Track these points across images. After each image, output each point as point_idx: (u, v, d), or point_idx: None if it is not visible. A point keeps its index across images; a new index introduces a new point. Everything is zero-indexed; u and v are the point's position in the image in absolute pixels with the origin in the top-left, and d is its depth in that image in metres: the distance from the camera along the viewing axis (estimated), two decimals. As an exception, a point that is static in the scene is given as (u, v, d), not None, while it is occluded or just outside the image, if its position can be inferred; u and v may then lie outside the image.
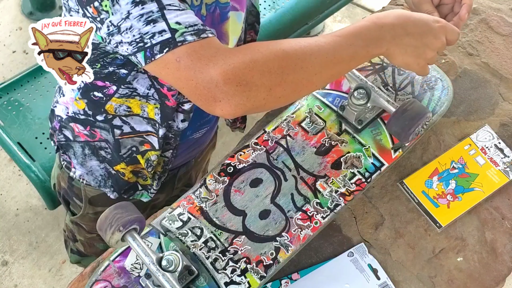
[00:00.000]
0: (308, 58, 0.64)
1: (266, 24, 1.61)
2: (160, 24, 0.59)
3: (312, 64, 0.64)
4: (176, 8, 0.60)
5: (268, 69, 0.61)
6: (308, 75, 0.64)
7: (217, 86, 0.59)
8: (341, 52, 0.67)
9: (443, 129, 0.94)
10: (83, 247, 1.15)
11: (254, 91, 0.60)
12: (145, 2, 0.59)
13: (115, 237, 0.69)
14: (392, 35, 0.70)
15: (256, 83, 0.60)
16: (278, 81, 0.62)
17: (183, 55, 0.59)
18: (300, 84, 0.65)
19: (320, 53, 0.65)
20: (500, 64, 1.03)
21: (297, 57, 0.63)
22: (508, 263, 0.82)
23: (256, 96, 0.61)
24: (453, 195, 0.86)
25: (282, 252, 0.78)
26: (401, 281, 0.80)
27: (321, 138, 0.89)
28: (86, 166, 0.95)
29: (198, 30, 0.60)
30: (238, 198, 0.83)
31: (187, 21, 0.60)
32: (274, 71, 0.61)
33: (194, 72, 0.59)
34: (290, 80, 0.63)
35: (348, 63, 0.69)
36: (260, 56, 0.61)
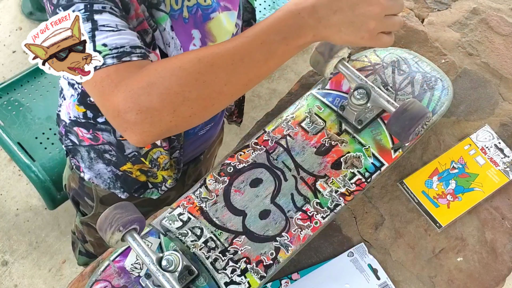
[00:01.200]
0: (209, 69, 0.59)
1: (266, 24, 1.61)
2: (88, 45, 0.59)
3: (216, 75, 0.59)
4: (110, 29, 0.60)
5: (166, 90, 0.57)
6: (216, 87, 0.60)
7: (119, 115, 0.58)
8: (252, 54, 0.60)
9: (443, 129, 0.94)
10: (93, 247, 1.16)
11: (157, 116, 0.58)
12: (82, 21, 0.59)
13: (115, 237, 0.69)
14: (315, 18, 0.61)
15: (156, 108, 0.57)
16: (181, 101, 0.58)
17: (98, 79, 0.59)
18: (209, 99, 0.60)
19: (224, 60, 0.60)
20: (500, 64, 1.03)
21: (197, 71, 0.59)
22: (508, 263, 0.82)
23: (161, 121, 0.58)
24: (453, 195, 0.86)
25: (282, 252, 0.78)
26: (401, 281, 0.80)
27: (321, 138, 0.89)
28: (94, 170, 0.95)
29: (122, 53, 0.59)
30: (238, 198, 0.83)
31: (115, 43, 0.59)
32: (174, 91, 0.58)
33: (103, 99, 0.59)
34: (194, 97, 0.59)
35: (265, 63, 0.62)
36: (157, 77, 0.58)
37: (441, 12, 1.13)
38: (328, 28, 0.62)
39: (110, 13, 0.61)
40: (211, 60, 0.59)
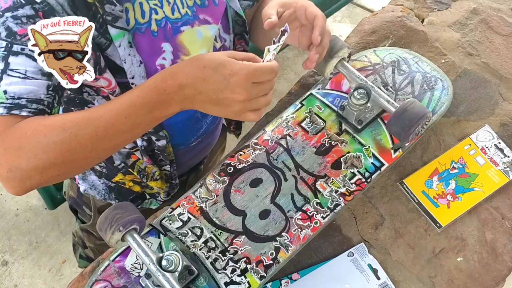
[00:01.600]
0: (73, 139, 0.61)
1: (266, 24, 1.60)
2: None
3: (80, 144, 0.62)
4: (17, 75, 0.61)
5: (33, 155, 0.60)
6: (81, 154, 0.63)
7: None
8: (116, 126, 0.63)
9: (443, 129, 0.94)
10: (93, 253, 1.16)
11: (26, 176, 0.61)
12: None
13: (115, 237, 0.69)
14: (180, 96, 0.63)
15: (24, 169, 0.60)
16: (47, 165, 0.61)
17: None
18: (75, 163, 0.63)
19: (87, 130, 0.62)
20: (500, 64, 1.03)
21: (61, 140, 0.61)
22: (508, 263, 0.82)
23: (30, 179, 0.61)
24: (453, 195, 0.86)
25: (282, 252, 0.78)
26: (401, 281, 0.80)
27: (321, 138, 0.89)
28: (88, 181, 0.96)
29: (16, 105, 0.61)
30: (238, 198, 0.83)
31: (15, 92, 0.61)
32: (39, 156, 0.60)
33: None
34: (60, 162, 0.62)
35: (131, 132, 0.65)
36: (25, 142, 0.60)
37: (441, 12, 1.13)
38: (194, 104, 0.64)
39: (27, 56, 0.61)
40: (75, 131, 0.61)
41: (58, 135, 0.61)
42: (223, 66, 0.62)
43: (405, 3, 1.15)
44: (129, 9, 0.70)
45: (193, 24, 0.76)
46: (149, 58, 0.73)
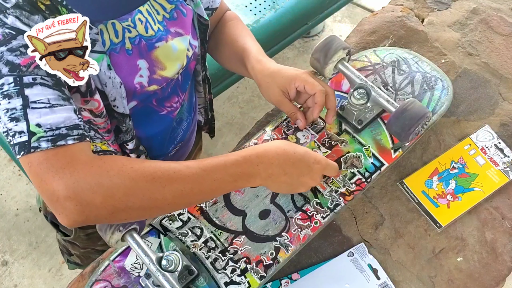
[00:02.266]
0: (160, 190, 0.62)
1: (266, 24, 1.61)
2: (21, 124, 0.58)
3: (164, 195, 0.62)
4: (42, 105, 0.59)
5: (112, 194, 0.59)
6: (159, 204, 0.63)
7: (58, 200, 0.58)
8: (202, 186, 0.65)
9: (443, 129, 0.94)
10: (80, 259, 1.15)
11: (94, 212, 0.59)
12: (11, 97, 0.58)
13: (115, 237, 0.69)
14: (268, 173, 0.69)
15: (97, 206, 0.59)
16: (122, 207, 0.60)
17: (34, 162, 0.59)
18: (148, 211, 0.64)
19: (176, 185, 0.63)
20: (500, 64, 1.03)
21: (147, 188, 0.61)
22: (508, 263, 0.82)
23: (96, 216, 0.60)
24: (453, 195, 0.86)
25: (282, 252, 0.78)
26: (401, 281, 0.80)
27: (321, 138, 0.89)
28: None
29: (57, 136, 0.59)
30: (238, 198, 0.83)
31: (50, 123, 0.59)
32: (119, 197, 0.59)
33: (40, 181, 0.59)
34: (136, 207, 0.61)
35: (210, 195, 0.69)
36: (107, 180, 0.59)
37: (441, 12, 1.13)
38: (275, 183, 0.71)
39: (41, 85, 0.59)
40: (164, 182, 0.62)
41: (147, 183, 0.61)
42: (308, 154, 0.72)
43: (405, 3, 1.15)
44: (103, 31, 0.69)
45: (167, 39, 0.76)
46: (128, 77, 0.72)
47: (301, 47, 2.41)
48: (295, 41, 1.85)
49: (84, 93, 0.68)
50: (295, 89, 0.82)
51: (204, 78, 0.94)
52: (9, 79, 0.58)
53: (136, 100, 0.76)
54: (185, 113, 0.91)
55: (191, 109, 0.94)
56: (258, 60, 0.84)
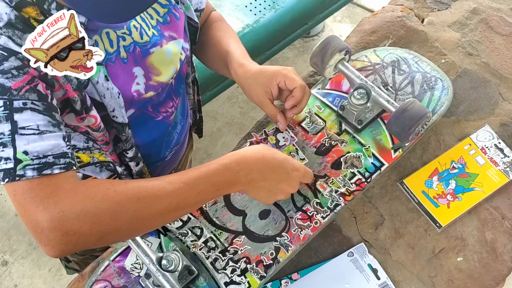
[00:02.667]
0: (146, 208, 0.61)
1: (266, 24, 1.61)
2: (8, 150, 0.57)
3: (150, 214, 0.62)
4: (31, 132, 0.57)
5: (99, 220, 0.58)
6: (146, 223, 0.63)
7: (42, 232, 0.57)
8: (187, 200, 0.65)
9: (443, 129, 0.94)
10: (78, 266, 1.15)
11: (82, 240, 0.58)
12: (0, 121, 0.57)
13: (115, 237, 0.69)
14: (248, 179, 0.70)
15: (84, 233, 0.57)
16: (110, 231, 0.59)
17: (18, 191, 0.57)
18: (136, 231, 0.64)
19: (161, 202, 0.62)
20: (500, 64, 1.03)
21: (133, 209, 0.60)
22: (508, 263, 0.82)
23: (84, 243, 0.59)
24: (453, 195, 0.86)
25: (282, 252, 0.78)
26: (401, 281, 0.80)
27: (321, 138, 0.89)
28: None
29: (44, 164, 0.57)
30: (238, 198, 0.83)
31: (37, 151, 0.57)
32: (106, 222, 0.58)
33: (24, 210, 0.57)
34: (125, 229, 0.61)
35: (194, 206, 0.69)
36: (92, 206, 0.58)
37: (441, 12, 1.13)
38: (252, 188, 0.72)
39: (32, 110, 0.58)
40: (149, 202, 0.61)
41: (133, 204, 0.60)
42: (287, 161, 0.73)
43: (405, 3, 1.15)
44: (98, 41, 0.68)
45: (162, 44, 0.76)
46: (125, 86, 0.72)
47: (301, 47, 2.41)
48: (295, 41, 1.85)
49: (80, 110, 0.67)
50: (277, 85, 0.82)
51: (193, 79, 0.94)
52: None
53: (134, 107, 0.76)
54: (179, 116, 0.91)
55: (184, 112, 0.94)
56: (240, 64, 0.84)
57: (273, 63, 2.30)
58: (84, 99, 0.66)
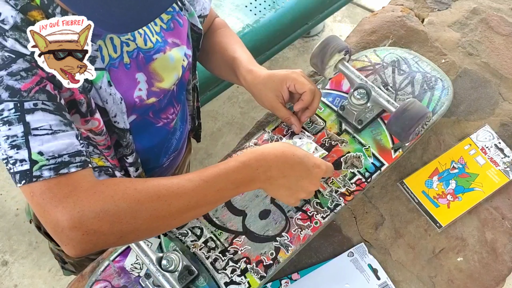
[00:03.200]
0: (165, 208, 0.61)
1: (266, 24, 1.61)
2: (22, 151, 0.57)
3: (170, 212, 0.62)
4: (45, 132, 0.58)
5: (119, 219, 0.58)
6: (166, 222, 0.62)
7: (62, 231, 0.57)
8: (207, 198, 0.65)
9: (443, 129, 0.94)
10: (74, 267, 1.14)
11: (102, 239, 0.58)
12: (12, 123, 0.57)
13: (115, 237, 0.69)
14: (267, 176, 0.69)
15: (104, 233, 0.57)
16: (130, 230, 0.59)
17: (36, 191, 0.57)
18: (155, 230, 0.63)
19: (181, 200, 0.62)
20: (500, 64, 1.03)
21: (153, 207, 0.60)
22: (508, 263, 0.82)
23: (104, 242, 0.59)
24: (453, 195, 0.86)
25: (282, 252, 0.78)
26: (401, 281, 0.80)
27: (321, 138, 0.89)
28: None
29: (60, 164, 0.57)
30: (238, 198, 0.83)
31: (52, 151, 0.57)
32: (126, 221, 0.58)
33: (43, 211, 0.57)
34: (144, 228, 0.60)
35: (214, 204, 0.68)
36: (112, 205, 0.58)
37: (441, 12, 1.13)
38: (273, 186, 0.70)
39: (43, 111, 0.58)
40: (169, 199, 0.61)
41: (152, 202, 0.60)
42: (308, 158, 0.71)
43: (405, 3, 1.15)
44: (102, 46, 0.68)
45: (165, 50, 0.76)
46: (128, 92, 0.72)
47: (301, 47, 2.41)
48: (295, 41, 1.85)
49: (85, 113, 0.67)
50: (287, 89, 0.83)
51: (193, 86, 0.94)
52: (9, 104, 0.57)
53: (136, 113, 0.76)
54: (178, 122, 0.91)
55: (184, 118, 0.94)
56: (249, 70, 0.84)
57: (273, 63, 2.30)
58: (89, 102, 0.66)
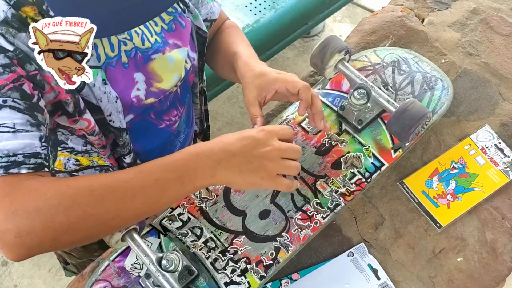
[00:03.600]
0: (99, 203, 0.57)
1: (266, 24, 1.61)
2: None
3: (105, 209, 0.58)
4: (6, 130, 0.56)
5: (51, 218, 0.55)
6: (102, 221, 0.58)
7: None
8: (145, 190, 0.60)
9: (443, 129, 0.94)
10: (76, 268, 1.14)
11: (36, 241, 0.55)
12: None
13: (115, 237, 0.69)
14: (213, 160, 0.63)
15: (38, 234, 0.54)
16: (64, 229, 0.56)
17: None
18: (94, 230, 0.59)
19: (116, 195, 0.58)
20: (500, 64, 1.03)
21: (86, 203, 0.57)
22: (508, 263, 0.82)
23: (39, 245, 0.56)
24: (453, 195, 0.86)
25: (282, 252, 0.78)
26: (401, 281, 0.80)
27: (321, 138, 0.89)
28: None
29: (12, 163, 0.56)
30: (238, 198, 0.83)
31: (7, 149, 0.56)
32: (58, 220, 0.55)
33: None
34: (79, 227, 0.57)
35: (157, 200, 0.61)
36: (44, 203, 0.55)
37: (441, 12, 1.13)
38: (229, 169, 0.63)
39: (11, 108, 0.57)
40: (102, 194, 0.58)
41: (84, 197, 0.57)
42: (248, 130, 0.67)
43: (405, 3, 1.15)
44: (98, 45, 0.67)
45: (164, 51, 0.75)
46: (125, 91, 0.71)
47: (301, 47, 2.41)
48: (295, 41, 1.85)
49: (72, 113, 0.66)
50: (275, 91, 0.77)
51: (200, 90, 0.93)
52: None
53: (133, 113, 0.75)
54: (183, 125, 0.90)
55: (189, 121, 0.94)
56: (245, 63, 0.81)
57: (273, 63, 2.30)
58: (77, 102, 0.65)
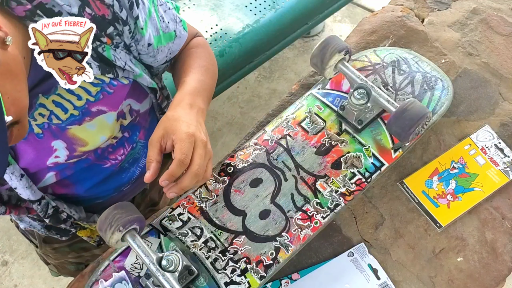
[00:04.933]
0: None
1: (266, 24, 1.61)
2: None
3: None
4: None
5: None
6: None
7: None
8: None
9: (443, 129, 0.94)
10: (56, 269, 1.14)
11: None
12: None
13: (115, 237, 0.69)
14: None
15: None
16: None
17: None
18: None
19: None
20: (500, 64, 1.03)
21: None
22: (508, 263, 0.82)
23: None
24: (453, 195, 0.86)
25: (282, 252, 0.78)
26: (401, 281, 0.80)
27: (321, 138, 0.89)
28: (25, 221, 0.92)
29: None
30: (238, 198, 0.83)
31: None
32: None
33: None
34: None
35: None
36: None
37: (441, 12, 1.13)
38: None
39: None
40: None
41: None
42: None
43: (405, 3, 1.15)
44: None
45: (82, 122, 0.73)
46: (37, 161, 0.70)
47: (301, 47, 2.41)
48: (295, 41, 1.85)
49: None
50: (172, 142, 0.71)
51: None
52: None
53: (55, 170, 0.74)
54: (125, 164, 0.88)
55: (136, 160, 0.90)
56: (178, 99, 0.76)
57: (273, 63, 2.30)
58: None
